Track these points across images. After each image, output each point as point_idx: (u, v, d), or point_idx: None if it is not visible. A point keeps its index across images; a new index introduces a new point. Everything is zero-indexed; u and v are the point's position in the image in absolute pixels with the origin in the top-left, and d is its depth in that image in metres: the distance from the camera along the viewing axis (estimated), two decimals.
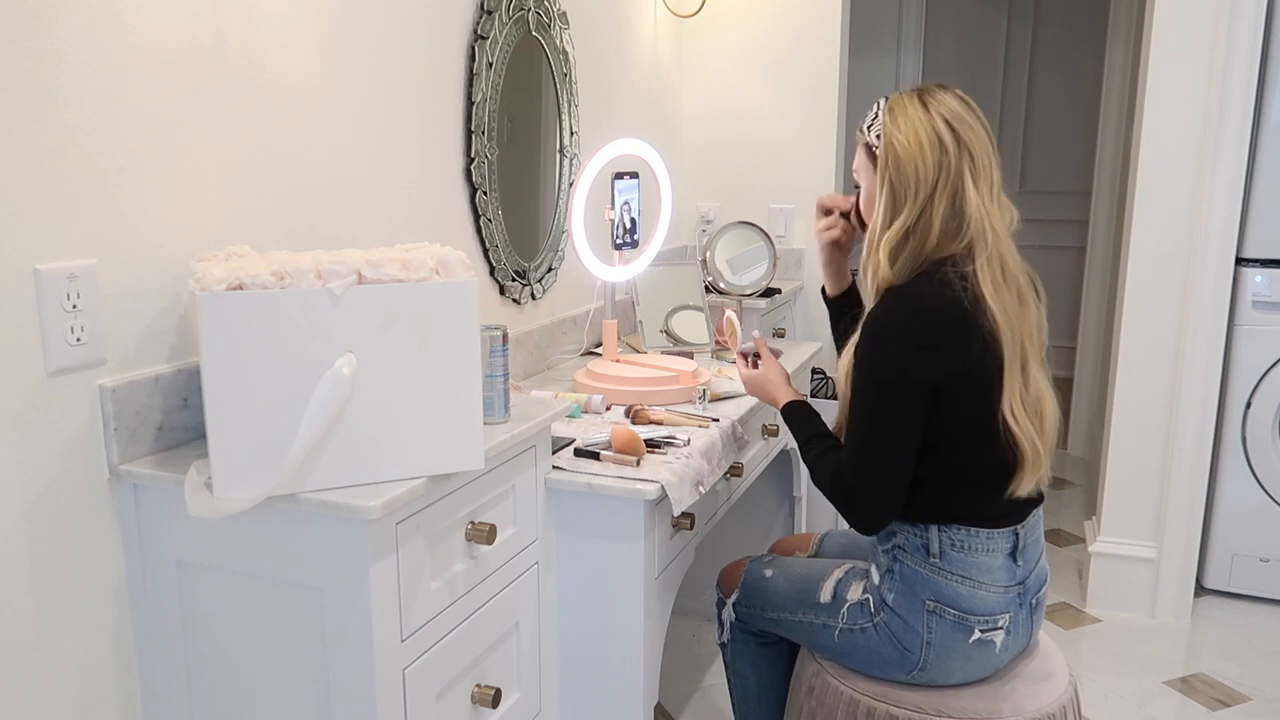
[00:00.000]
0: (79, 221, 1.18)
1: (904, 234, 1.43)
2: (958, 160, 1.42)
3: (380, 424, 1.18)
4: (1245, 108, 2.48)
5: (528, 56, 2.08)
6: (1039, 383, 1.46)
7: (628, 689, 1.57)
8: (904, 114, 1.45)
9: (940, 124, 1.42)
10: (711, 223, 3.04)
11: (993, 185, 1.44)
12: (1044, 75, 5.10)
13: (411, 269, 1.18)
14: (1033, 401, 1.44)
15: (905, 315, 1.40)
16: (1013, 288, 1.43)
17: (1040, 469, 1.44)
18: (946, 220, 1.42)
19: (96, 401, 1.22)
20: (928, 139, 1.42)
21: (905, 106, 1.45)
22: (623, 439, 1.56)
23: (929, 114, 1.43)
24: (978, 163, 1.43)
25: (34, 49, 1.11)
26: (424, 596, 1.25)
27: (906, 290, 1.42)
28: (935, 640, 1.45)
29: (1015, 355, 1.41)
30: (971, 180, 1.42)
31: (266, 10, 1.42)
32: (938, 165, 1.42)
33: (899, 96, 1.48)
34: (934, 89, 1.46)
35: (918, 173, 1.42)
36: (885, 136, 1.46)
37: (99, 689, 1.26)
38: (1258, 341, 2.68)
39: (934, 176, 1.42)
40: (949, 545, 1.44)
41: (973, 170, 1.42)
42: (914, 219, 1.42)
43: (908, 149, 1.43)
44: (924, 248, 1.42)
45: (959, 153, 1.42)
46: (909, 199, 1.43)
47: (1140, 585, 2.77)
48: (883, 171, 1.46)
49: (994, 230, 1.42)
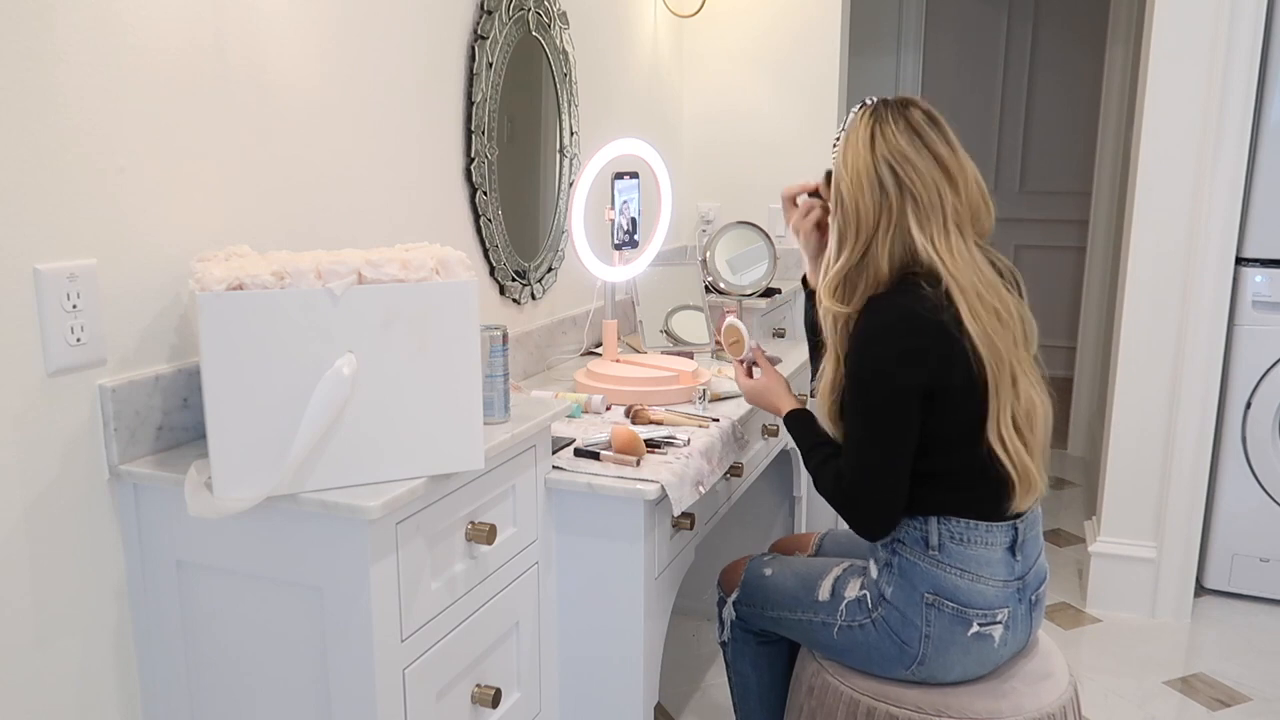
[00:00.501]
0: (79, 221, 1.18)
1: (846, 274, 1.43)
2: (899, 202, 1.41)
3: (380, 424, 1.18)
4: (1245, 108, 2.48)
5: (528, 56, 2.08)
6: (1030, 392, 1.45)
7: (628, 689, 1.57)
8: (853, 148, 1.44)
9: (883, 166, 1.41)
10: (711, 223, 3.04)
11: (945, 218, 1.41)
12: (1044, 75, 5.10)
13: (411, 269, 1.18)
14: (1024, 413, 1.43)
15: (889, 322, 1.40)
16: (989, 308, 1.40)
17: (1034, 486, 1.44)
18: (895, 256, 1.42)
19: (96, 401, 1.22)
20: (868, 181, 1.42)
21: (856, 140, 1.44)
22: (623, 439, 1.56)
23: (873, 153, 1.42)
24: (922, 203, 1.41)
25: (34, 49, 1.11)
26: (424, 596, 1.25)
27: (887, 299, 1.42)
28: (934, 633, 1.45)
29: (1004, 375, 1.40)
30: (916, 222, 1.41)
31: (266, 10, 1.42)
32: (878, 207, 1.42)
33: (856, 123, 1.46)
34: (894, 113, 1.44)
35: (859, 212, 1.43)
36: (836, 170, 1.47)
37: (99, 689, 1.26)
38: (1258, 341, 2.68)
39: (874, 219, 1.42)
40: (948, 537, 1.44)
41: (916, 211, 1.41)
42: (857, 258, 1.43)
43: (850, 188, 1.44)
44: (878, 282, 1.43)
45: (900, 195, 1.41)
46: (851, 236, 1.44)
47: (1140, 585, 2.77)
48: (833, 208, 1.48)
49: (949, 266, 1.40)
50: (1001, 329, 1.41)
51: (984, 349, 1.38)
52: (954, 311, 1.38)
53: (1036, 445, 1.45)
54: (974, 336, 1.38)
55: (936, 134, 1.43)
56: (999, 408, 1.40)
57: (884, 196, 1.41)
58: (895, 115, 1.43)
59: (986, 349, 1.38)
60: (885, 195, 1.41)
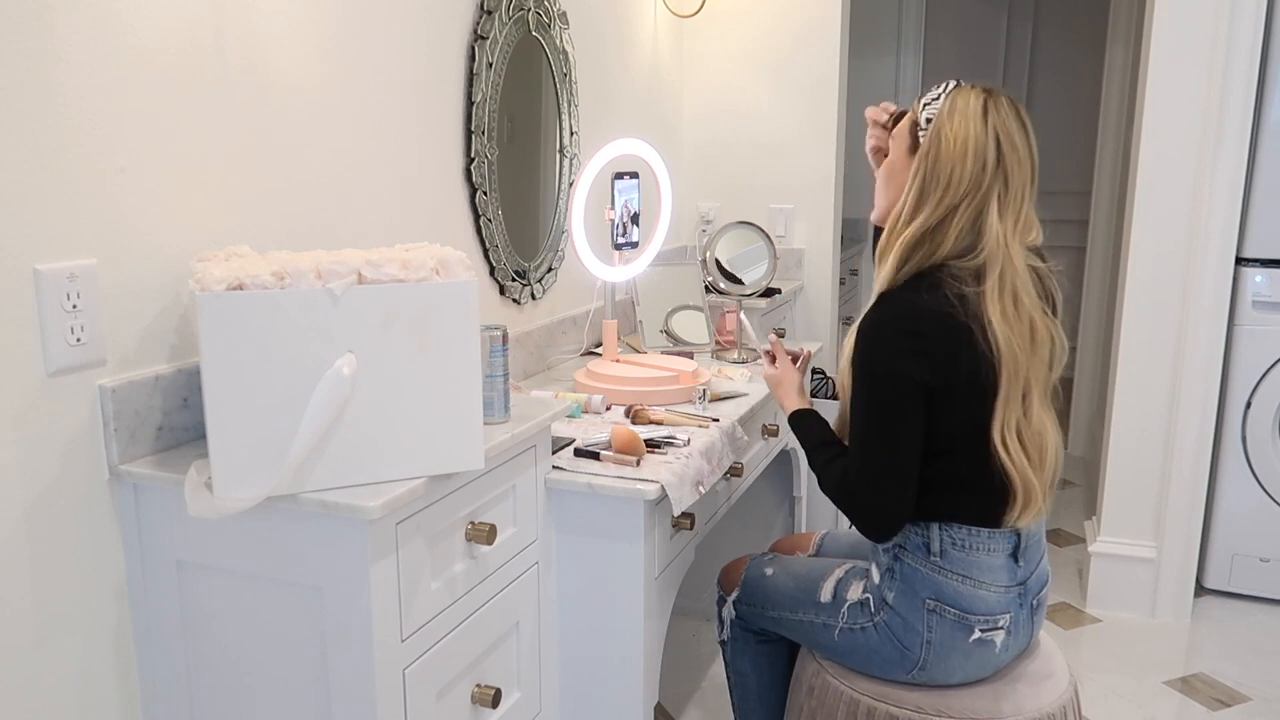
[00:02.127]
0: (79, 221, 1.18)
1: (920, 236, 1.41)
2: (992, 180, 1.40)
3: (380, 424, 1.18)
4: (1245, 108, 2.48)
5: (528, 56, 2.08)
6: (1042, 418, 1.44)
7: (628, 689, 1.57)
8: (962, 112, 1.42)
9: (990, 139, 1.40)
10: (711, 223, 3.04)
11: (1019, 216, 1.42)
12: (1044, 75, 5.10)
13: (411, 269, 1.18)
14: (1033, 436, 1.42)
15: (894, 317, 1.40)
16: (1025, 322, 1.40)
17: (1036, 504, 1.43)
18: (961, 236, 1.40)
19: (96, 401, 1.22)
20: (974, 147, 1.40)
21: (968, 105, 1.42)
22: (623, 439, 1.56)
23: (985, 123, 1.41)
24: (1010, 190, 1.41)
25: (34, 49, 1.11)
26: (424, 596, 1.25)
27: (897, 295, 1.41)
28: (935, 639, 1.45)
29: (1016, 386, 1.39)
30: (997, 206, 1.40)
31: (266, 10, 1.42)
32: (973, 177, 1.40)
33: (966, 90, 1.44)
34: (1002, 99, 1.43)
35: (952, 175, 1.40)
36: (935, 125, 1.43)
37: (99, 689, 1.26)
38: (1258, 341, 2.68)
39: (965, 187, 1.40)
40: (950, 544, 1.44)
41: (1001, 196, 1.41)
42: (934, 222, 1.41)
43: (950, 148, 1.41)
44: (932, 257, 1.41)
45: (995, 174, 1.40)
46: (934, 198, 1.41)
47: (1140, 585, 2.77)
48: (920, 159, 1.44)
49: (1009, 261, 1.40)
50: (1031, 345, 1.40)
51: (1005, 353, 1.37)
52: (976, 311, 1.37)
53: (1044, 470, 1.44)
54: (999, 337, 1.37)
55: (1032, 134, 1.45)
56: (1005, 414, 1.39)
57: (982, 170, 1.40)
58: (1008, 100, 1.44)
59: (1008, 354, 1.37)
60: (984, 169, 1.40)
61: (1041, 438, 1.43)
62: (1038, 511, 1.44)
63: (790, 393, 1.67)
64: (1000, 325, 1.37)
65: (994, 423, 1.40)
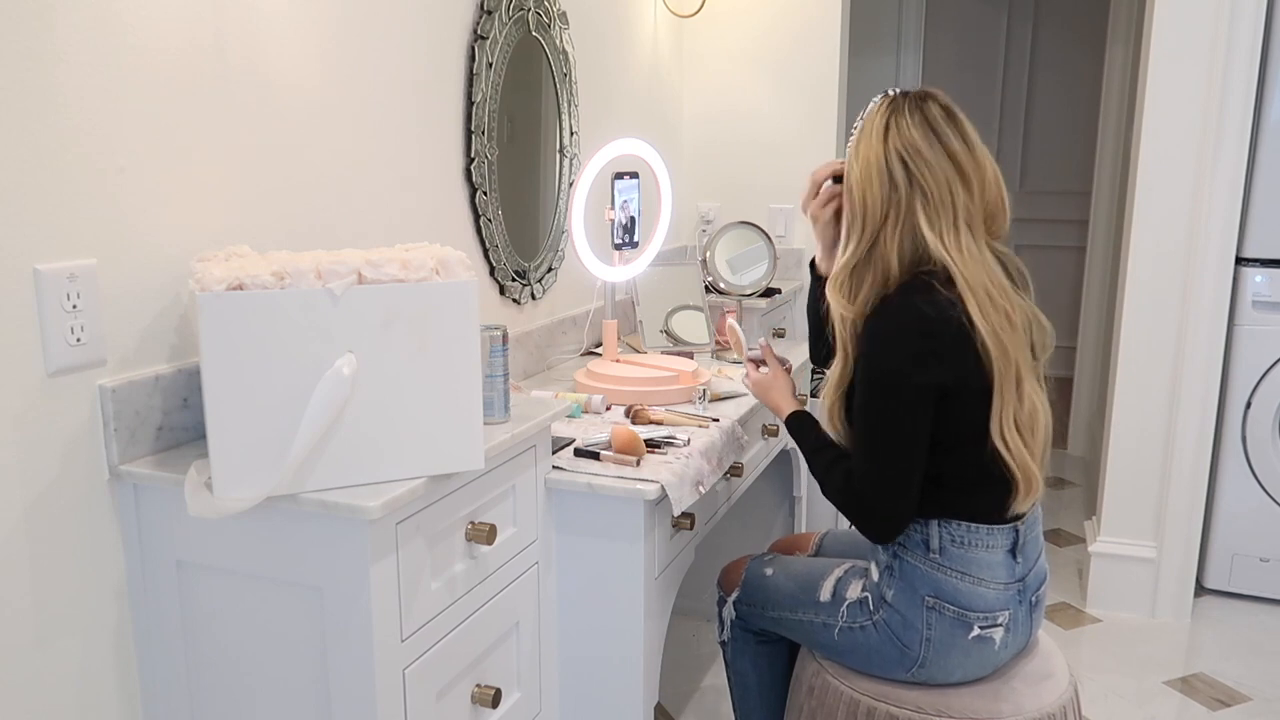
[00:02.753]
0: (79, 221, 1.18)
1: (853, 268, 1.43)
2: (908, 197, 1.40)
3: (380, 424, 1.18)
4: (1245, 108, 2.48)
5: (528, 56, 2.08)
6: (1033, 397, 1.44)
7: (628, 689, 1.57)
8: (866, 139, 1.44)
9: (894, 158, 1.40)
10: (711, 223, 3.04)
11: (955, 216, 1.40)
12: (1044, 75, 5.10)
13: (411, 269, 1.18)
14: (1026, 418, 1.43)
15: (904, 324, 1.40)
16: (1000, 309, 1.40)
17: (1035, 488, 1.44)
18: (905, 252, 1.41)
19: (96, 401, 1.22)
20: (878, 173, 1.41)
21: (870, 131, 1.44)
22: (623, 439, 1.56)
23: (886, 144, 1.41)
24: (932, 199, 1.40)
25: (34, 49, 1.11)
26: (424, 596, 1.25)
27: (899, 300, 1.41)
28: (934, 637, 1.45)
29: (1009, 375, 1.40)
30: (925, 218, 1.40)
31: (266, 10, 1.42)
32: (886, 200, 1.41)
33: (874, 112, 1.45)
34: (905, 108, 1.43)
35: (866, 204, 1.42)
36: (847, 161, 1.46)
37: (99, 689, 1.26)
38: (1258, 341, 2.68)
39: (882, 211, 1.41)
40: (949, 541, 1.44)
41: (925, 207, 1.40)
42: (864, 251, 1.42)
43: (860, 179, 1.43)
44: (887, 279, 1.42)
45: (910, 190, 1.40)
46: (859, 228, 1.43)
47: (1140, 585, 2.77)
48: (844, 196, 1.47)
49: (964, 263, 1.39)
50: (1011, 331, 1.40)
51: (993, 348, 1.38)
52: (964, 310, 1.38)
53: (1037, 448, 1.45)
54: (984, 335, 1.37)
55: (953, 130, 1.42)
56: (1002, 407, 1.40)
57: (893, 189, 1.40)
58: (912, 108, 1.43)
59: (995, 348, 1.38)
60: (895, 188, 1.40)
61: (1034, 418, 1.44)
62: (1038, 493, 1.45)
63: (785, 396, 1.68)
64: (981, 322, 1.38)
65: (992, 419, 1.40)
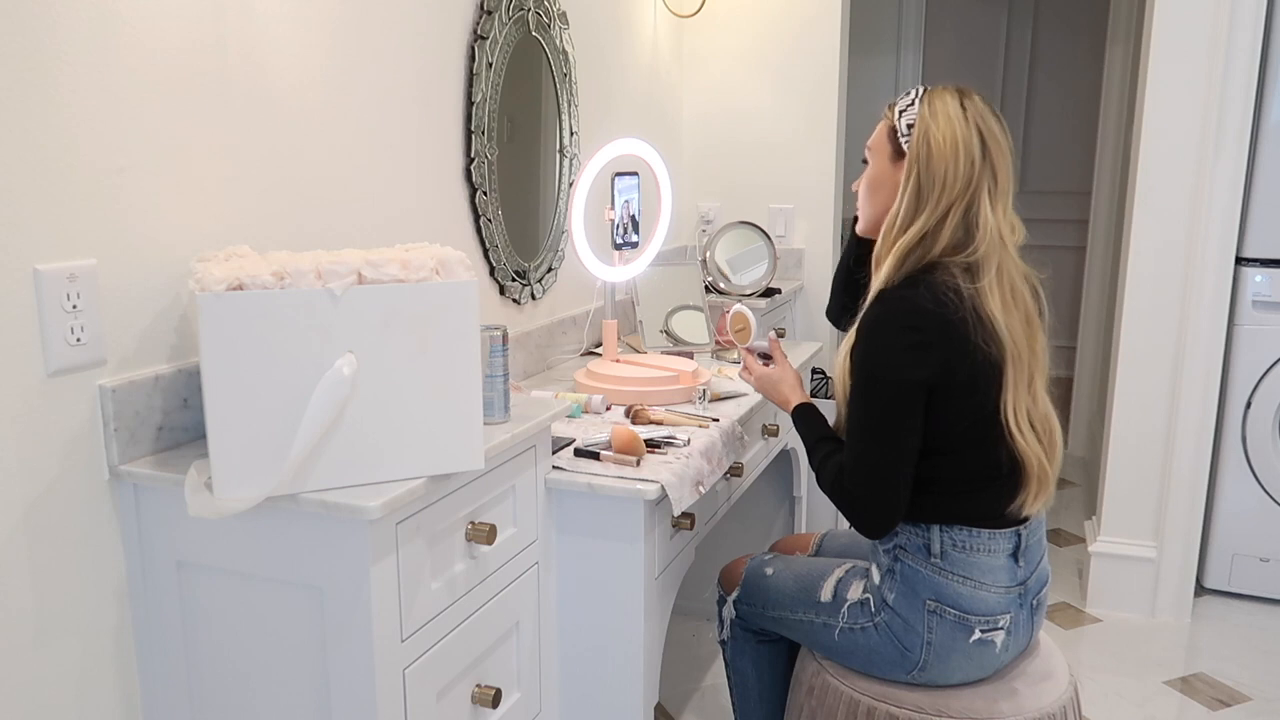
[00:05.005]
0: (79, 221, 1.18)
1: (919, 239, 1.42)
2: (981, 174, 1.42)
3: (380, 424, 1.18)
4: (1245, 108, 2.48)
5: (528, 56, 2.08)
6: (1046, 402, 1.46)
7: (628, 689, 1.57)
8: (944, 112, 1.43)
9: (974, 134, 1.42)
10: (711, 223, 3.04)
11: (1007, 206, 1.45)
12: (1044, 75, 5.10)
13: (411, 269, 1.18)
14: (1041, 420, 1.44)
15: (894, 314, 1.40)
16: (1021, 310, 1.42)
17: (1048, 488, 1.44)
18: (955, 232, 1.41)
19: (96, 402, 1.22)
20: (963, 145, 1.41)
21: (946, 104, 1.44)
22: (623, 439, 1.56)
23: (967, 120, 1.42)
24: (999, 181, 1.43)
25: (34, 49, 1.11)
26: (424, 596, 1.25)
27: (894, 293, 1.42)
28: (935, 640, 1.45)
29: (1021, 371, 1.40)
30: (989, 198, 1.42)
31: (267, 10, 1.42)
32: (966, 175, 1.41)
33: (938, 91, 1.46)
34: (975, 96, 1.45)
35: (946, 176, 1.42)
36: (920, 129, 1.44)
37: (99, 689, 1.26)
38: (1258, 341, 2.68)
39: (959, 185, 1.41)
40: (950, 545, 1.44)
41: (992, 188, 1.42)
42: (933, 224, 1.42)
43: (941, 149, 1.42)
44: (927, 255, 1.42)
45: (984, 167, 1.42)
46: (931, 201, 1.42)
47: (1140, 585, 2.77)
48: (911, 164, 1.44)
49: (1005, 253, 1.42)
50: (1028, 332, 1.43)
51: (1008, 341, 1.39)
52: (976, 304, 1.38)
53: (1054, 451, 1.46)
54: (1002, 327, 1.38)
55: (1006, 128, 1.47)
56: (1016, 400, 1.40)
57: (971, 166, 1.41)
58: (980, 98, 1.46)
59: (1010, 341, 1.39)
60: (973, 164, 1.41)
61: (1049, 422, 1.45)
62: (1048, 497, 1.45)
63: (794, 389, 1.67)
64: (1002, 315, 1.39)
65: (1006, 408, 1.40)
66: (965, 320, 1.37)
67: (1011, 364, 1.40)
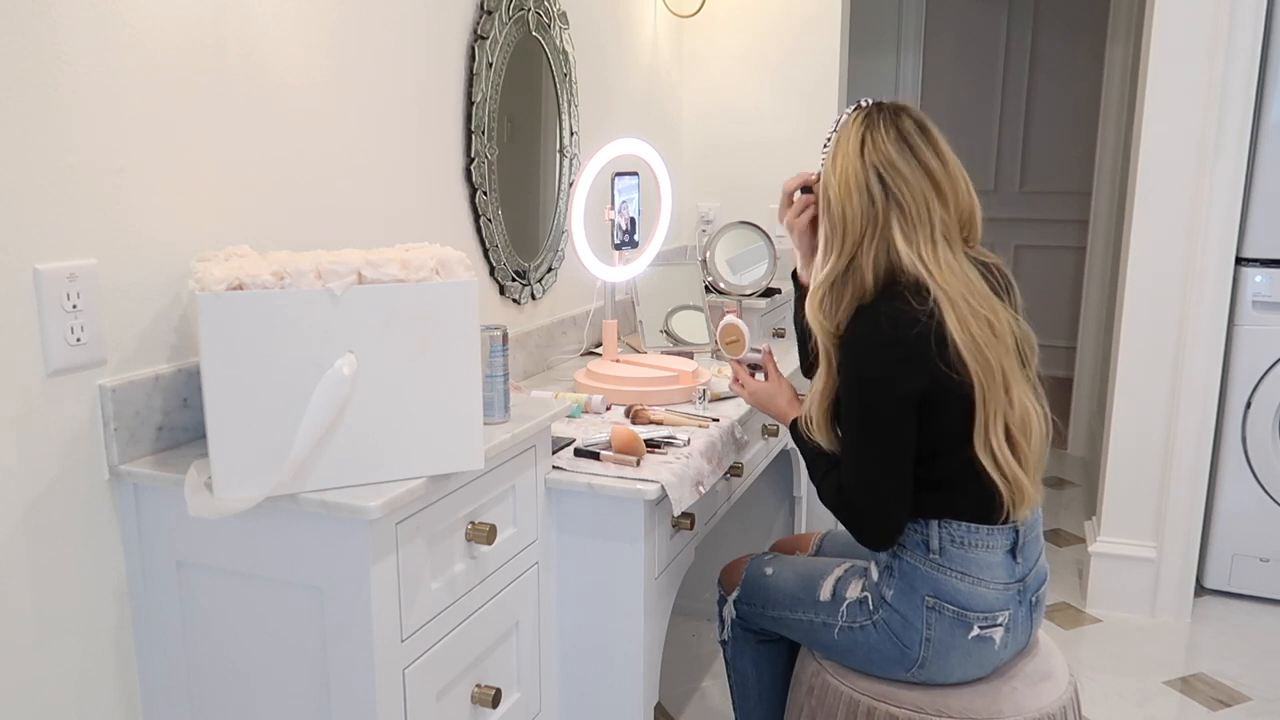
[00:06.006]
0: (79, 221, 1.18)
1: (832, 282, 1.43)
2: (885, 213, 1.41)
3: (380, 424, 1.18)
4: (1245, 108, 2.48)
5: (528, 56, 2.08)
6: (1024, 401, 1.43)
7: (628, 689, 1.57)
8: (843, 152, 1.44)
9: (871, 174, 1.41)
10: (711, 223, 3.04)
11: (932, 230, 1.41)
12: (1044, 75, 5.10)
13: (411, 269, 1.18)
14: (1018, 421, 1.42)
15: (883, 328, 1.39)
16: (980, 318, 1.39)
17: (1027, 497, 1.42)
18: (879, 267, 1.42)
19: (96, 401, 1.22)
20: (856, 188, 1.41)
21: (846, 146, 1.44)
22: (623, 439, 1.56)
23: (863, 160, 1.42)
24: (909, 214, 1.40)
25: (34, 49, 1.11)
26: (424, 596, 1.25)
27: (872, 308, 1.42)
28: (934, 637, 1.45)
29: (994, 384, 1.39)
30: (901, 234, 1.40)
31: (267, 10, 1.42)
32: (864, 216, 1.41)
33: (848, 126, 1.45)
34: (880, 123, 1.43)
35: (845, 218, 1.43)
36: (825, 173, 1.47)
37: (99, 689, 1.26)
38: (1258, 341, 2.68)
39: (861, 227, 1.42)
40: (949, 541, 1.44)
41: (902, 222, 1.40)
42: (843, 266, 1.43)
43: (838, 195, 1.43)
44: (863, 292, 1.42)
45: (887, 205, 1.41)
46: (837, 243, 1.43)
47: (1140, 585, 2.77)
48: (821, 209, 1.48)
49: (939, 275, 1.39)
50: (994, 339, 1.39)
51: (971, 359, 1.37)
52: (939, 322, 1.37)
53: (1031, 455, 1.44)
54: (961, 346, 1.36)
55: (927, 145, 1.43)
56: (989, 417, 1.39)
57: (871, 205, 1.41)
58: (887, 123, 1.43)
59: (975, 359, 1.37)
60: (873, 203, 1.41)
61: (1026, 422, 1.43)
62: (1031, 503, 1.44)
63: (791, 401, 1.68)
64: (960, 334, 1.36)
65: (976, 433, 1.39)
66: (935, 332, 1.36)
67: (980, 387, 1.37)
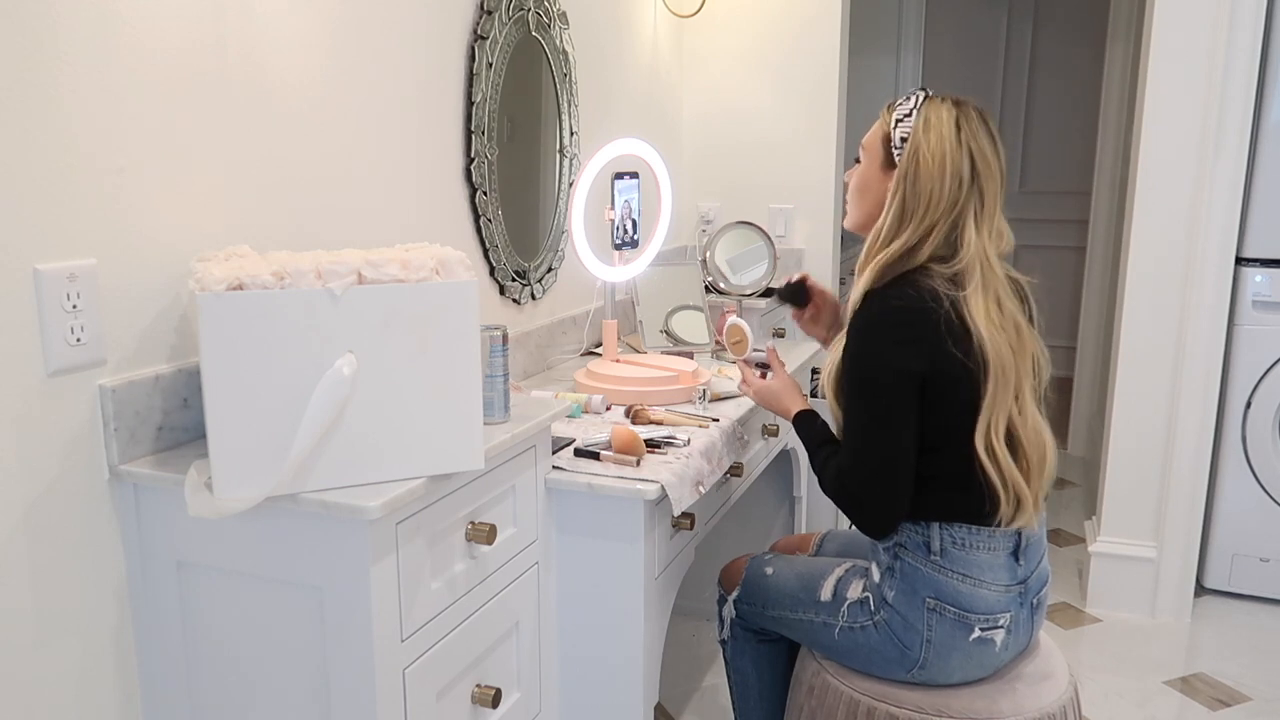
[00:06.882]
0: (79, 221, 1.18)
1: (900, 255, 1.43)
2: (968, 197, 1.42)
3: (380, 424, 1.18)
4: (1245, 108, 2.48)
5: (528, 56, 2.08)
6: (1038, 419, 1.44)
7: (628, 689, 1.57)
8: (937, 130, 1.43)
9: (965, 156, 1.42)
10: (711, 223, 3.04)
11: (993, 224, 1.44)
12: (1044, 75, 5.10)
13: (411, 269, 1.18)
14: (1031, 435, 1.43)
15: (882, 313, 1.41)
16: (1010, 325, 1.41)
17: (1028, 509, 1.42)
18: (938, 248, 1.43)
19: (96, 401, 1.22)
20: (951, 166, 1.42)
21: (941, 120, 1.44)
22: (623, 439, 1.56)
23: (959, 140, 1.42)
24: (985, 205, 1.44)
25: (34, 49, 1.11)
26: (424, 596, 1.25)
27: (882, 292, 1.43)
28: (935, 638, 1.45)
29: (1005, 388, 1.39)
30: (974, 220, 1.43)
31: (267, 10, 1.42)
32: (952, 196, 1.42)
33: (936, 103, 1.46)
34: (972, 112, 1.45)
35: (931, 195, 1.42)
36: (911, 145, 1.44)
37: (99, 689, 1.26)
38: (1258, 341, 2.68)
39: (944, 206, 1.42)
40: (950, 543, 1.44)
41: (978, 211, 1.43)
42: (914, 241, 1.43)
43: (929, 168, 1.42)
44: (909, 265, 1.43)
45: (971, 191, 1.42)
46: (915, 217, 1.43)
47: (1140, 585, 2.77)
48: (899, 180, 1.45)
49: (988, 268, 1.42)
50: (1019, 345, 1.42)
51: (994, 352, 1.38)
52: (960, 311, 1.38)
53: (1038, 474, 1.43)
54: (986, 339, 1.38)
55: (999, 145, 1.47)
56: (993, 415, 1.39)
57: (959, 187, 1.42)
58: (975, 113, 1.46)
59: (996, 354, 1.38)
60: (960, 186, 1.42)
61: (1039, 436, 1.44)
62: (1029, 516, 1.43)
63: (795, 398, 1.68)
64: (986, 327, 1.38)
65: (978, 427, 1.40)
66: (949, 320, 1.38)
67: (994, 382, 1.38)
